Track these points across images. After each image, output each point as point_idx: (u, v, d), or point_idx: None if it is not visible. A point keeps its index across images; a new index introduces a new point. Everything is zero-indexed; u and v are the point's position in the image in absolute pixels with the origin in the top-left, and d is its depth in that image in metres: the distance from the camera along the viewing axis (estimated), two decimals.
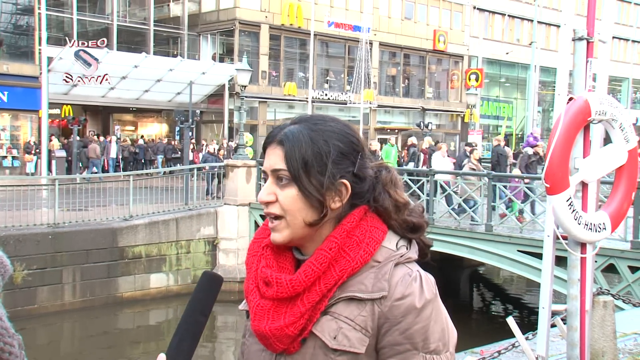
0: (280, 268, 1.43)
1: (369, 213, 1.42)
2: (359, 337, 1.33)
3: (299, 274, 1.37)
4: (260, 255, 1.47)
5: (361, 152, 1.43)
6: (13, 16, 26.42)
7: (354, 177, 1.41)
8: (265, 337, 1.39)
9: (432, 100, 40.97)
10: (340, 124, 1.44)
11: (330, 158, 1.37)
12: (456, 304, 17.36)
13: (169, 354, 1.28)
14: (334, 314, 1.36)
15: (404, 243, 1.42)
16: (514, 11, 44.35)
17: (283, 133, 1.41)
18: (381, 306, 1.34)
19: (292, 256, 1.46)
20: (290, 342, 1.37)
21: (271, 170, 1.40)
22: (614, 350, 5.07)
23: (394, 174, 1.47)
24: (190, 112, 21.79)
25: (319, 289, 1.36)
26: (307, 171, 1.37)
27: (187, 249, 15.29)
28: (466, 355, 5.06)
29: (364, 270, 1.37)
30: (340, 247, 1.38)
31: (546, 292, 3.66)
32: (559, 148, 3.35)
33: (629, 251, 10.17)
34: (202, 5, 33.21)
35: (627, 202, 3.80)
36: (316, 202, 1.37)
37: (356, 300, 1.35)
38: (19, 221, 13.18)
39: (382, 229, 1.41)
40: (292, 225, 1.39)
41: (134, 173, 17.53)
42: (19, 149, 25.54)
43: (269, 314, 1.39)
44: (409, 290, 1.34)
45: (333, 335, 1.34)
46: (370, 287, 1.35)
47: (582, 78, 3.59)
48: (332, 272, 1.36)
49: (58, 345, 13.26)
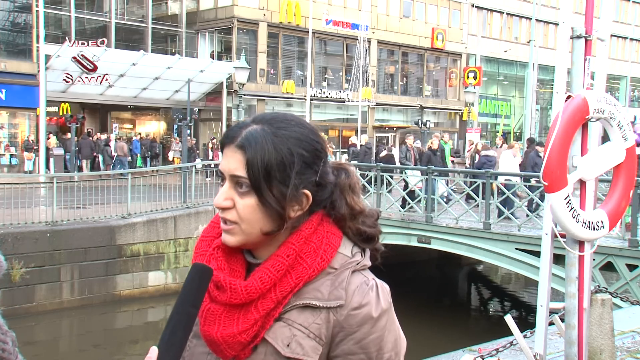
0: (231, 271, 1.38)
1: (325, 218, 1.38)
2: (313, 345, 1.30)
3: (254, 280, 1.32)
4: (210, 256, 1.40)
5: (324, 158, 1.38)
6: (11, 14, 26.39)
7: (315, 186, 1.36)
8: (215, 343, 1.34)
9: (430, 99, 40.97)
10: (305, 128, 1.37)
11: (294, 169, 1.32)
12: (454, 302, 17.40)
13: (161, 346, 1.27)
14: (288, 320, 1.32)
15: (358, 249, 1.39)
16: (512, 9, 44.35)
17: (244, 136, 1.33)
18: (337, 314, 1.30)
19: (244, 259, 1.41)
20: (242, 349, 1.33)
21: (230, 175, 1.33)
22: (611, 348, 5.08)
23: (352, 179, 1.42)
24: (188, 110, 21.76)
25: (274, 295, 1.31)
26: (269, 181, 1.30)
27: (186, 247, 15.28)
28: (464, 353, 5.07)
29: (320, 277, 1.33)
30: (298, 254, 1.33)
31: (544, 290, 3.66)
32: (557, 146, 3.36)
33: (626, 249, 10.20)
34: (200, 3, 33.16)
35: (625, 201, 3.80)
36: (275, 213, 1.32)
37: (311, 307, 1.31)
38: (17, 219, 13.17)
39: (337, 234, 1.38)
40: (248, 234, 1.34)
41: (132, 171, 17.50)
42: (17, 146, 25.53)
43: (220, 319, 1.34)
44: (366, 300, 1.31)
45: (286, 342, 1.30)
46: (327, 295, 1.31)
47: (580, 76, 3.59)
48: (289, 279, 1.32)
49: (56, 343, 13.26)
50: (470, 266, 19.03)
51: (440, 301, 16.96)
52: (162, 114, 33.48)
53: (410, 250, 14.28)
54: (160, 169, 20.70)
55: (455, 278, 19.18)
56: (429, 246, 13.36)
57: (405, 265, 15.84)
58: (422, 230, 13.29)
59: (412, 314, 13.49)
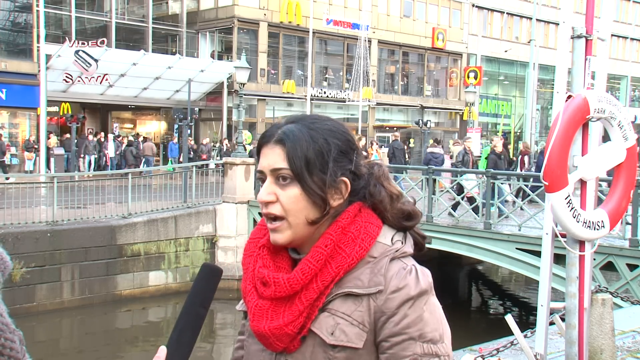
0: (277, 268, 1.43)
1: (363, 209, 1.43)
2: (357, 332, 1.34)
3: (296, 273, 1.37)
4: (257, 256, 1.47)
5: (356, 150, 1.44)
6: (11, 13, 26.39)
7: (352, 175, 1.42)
8: (264, 337, 1.39)
9: (431, 98, 40.96)
10: (336, 123, 1.45)
11: (331, 156, 1.38)
12: (455, 301, 17.38)
13: (169, 346, 1.28)
14: (332, 310, 1.36)
15: (399, 238, 1.43)
16: (512, 9, 44.34)
17: (282, 132, 1.40)
18: (376, 300, 1.34)
19: (288, 255, 1.46)
20: (290, 341, 1.37)
21: (271, 169, 1.39)
22: (612, 347, 5.08)
23: (384, 169, 1.49)
24: (188, 110, 21.82)
25: (316, 286, 1.36)
26: (310, 170, 1.37)
27: (186, 247, 15.29)
28: (465, 352, 5.07)
29: (359, 266, 1.37)
30: (336, 244, 1.38)
31: (545, 289, 3.66)
32: (558, 146, 3.35)
33: (627, 249, 10.19)
34: (201, 3, 33.17)
35: (626, 200, 3.80)
36: (319, 200, 1.38)
37: (353, 296, 1.35)
38: (17, 219, 13.17)
39: (376, 224, 1.42)
40: (295, 226, 1.39)
41: (133, 171, 17.51)
42: (18, 146, 25.53)
43: (267, 313, 1.39)
44: (404, 283, 1.34)
45: (330, 331, 1.34)
46: (367, 283, 1.35)
47: (580, 76, 3.58)
48: (329, 269, 1.36)
49: (57, 343, 13.26)
50: (470, 266, 19.03)
51: (441, 301, 16.88)
52: (162, 114, 33.49)
53: None
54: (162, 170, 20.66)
55: (455, 278, 19.17)
56: (429, 246, 13.21)
57: None
58: (423, 230, 13.24)
59: None
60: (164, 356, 1.26)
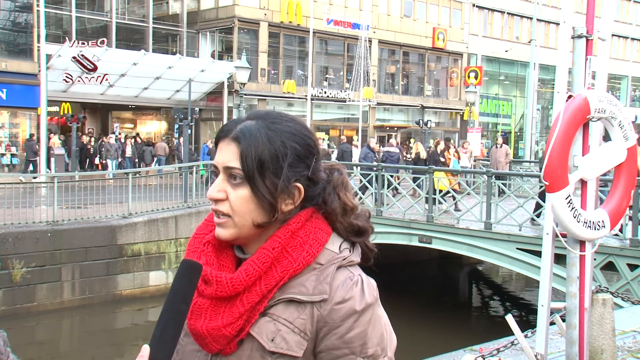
0: (220, 266, 1.39)
1: (315, 214, 1.40)
2: (298, 340, 1.31)
3: (240, 273, 1.33)
4: (201, 252, 1.42)
5: (316, 155, 1.40)
6: (12, 13, 26.41)
7: (307, 181, 1.38)
8: (201, 337, 1.36)
9: (432, 98, 40.96)
10: (298, 124, 1.40)
11: (287, 160, 1.34)
12: (455, 301, 17.39)
13: (152, 344, 1.27)
14: (273, 315, 1.32)
15: (347, 246, 1.39)
16: (513, 9, 44.33)
17: (239, 129, 1.36)
18: (320, 309, 1.31)
19: (233, 254, 1.42)
20: (227, 343, 1.34)
21: (224, 166, 1.36)
22: (612, 347, 5.07)
23: (344, 177, 1.44)
24: (189, 110, 21.79)
25: (259, 289, 1.32)
26: (262, 172, 1.33)
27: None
28: (465, 352, 5.07)
29: (305, 272, 1.34)
30: (283, 247, 1.34)
31: (545, 289, 3.66)
32: (558, 146, 3.35)
33: (627, 249, 10.19)
34: (201, 3, 33.17)
35: (626, 200, 3.79)
36: (267, 205, 1.34)
37: (296, 302, 1.32)
38: (17, 219, 13.17)
39: (326, 230, 1.39)
40: (240, 226, 1.36)
41: (133, 171, 17.52)
42: (18, 146, 25.54)
43: (206, 313, 1.35)
44: (350, 294, 1.31)
45: (271, 337, 1.31)
46: (311, 290, 1.32)
47: (581, 76, 3.58)
48: (274, 273, 1.33)
49: (57, 343, 13.25)
50: (471, 266, 19.02)
51: (441, 301, 16.94)
52: (163, 114, 33.49)
53: (411, 250, 14.27)
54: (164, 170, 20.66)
55: (456, 278, 19.17)
56: (430, 246, 13.35)
57: (406, 265, 15.85)
58: (423, 230, 13.27)
59: (413, 313, 13.49)
60: (147, 355, 1.26)
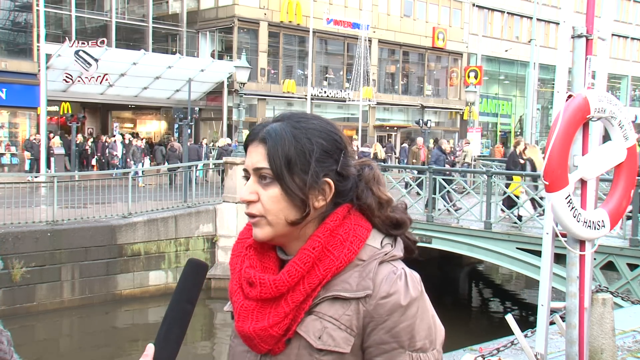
0: (263, 268, 1.41)
1: (352, 211, 1.41)
2: (344, 337, 1.32)
3: (283, 274, 1.35)
4: (244, 256, 1.45)
5: (344, 150, 1.41)
6: (12, 13, 26.40)
7: (337, 176, 1.39)
8: (249, 338, 1.38)
9: (431, 98, 40.96)
10: (323, 121, 1.42)
11: (314, 156, 1.36)
12: (455, 301, 17.38)
13: (157, 343, 1.27)
14: (319, 313, 1.34)
15: (388, 241, 1.41)
16: (513, 8, 44.33)
17: (265, 131, 1.38)
18: (366, 305, 1.32)
19: (276, 256, 1.44)
20: (275, 343, 1.36)
21: (253, 168, 1.38)
22: (612, 347, 5.07)
23: (376, 172, 1.45)
24: (189, 110, 21.77)
25: (303, 288, 1.34)
26: (290, 170, 1.34)
27: (186, 247, 15.28)
28: (465, 352, 5.07)
29: (348, 269, 1.35)
30: (324, 246, 1.36)
31: (545, 289, 3.65)
32: (558, 145, 3.35)
33: (627, 249, 10.19)
34: (201, 3, 33.17)
35: (626, 200, 3.79)
36: (299, 201, 1.35)
37: (340, 299, 1.33)
38: (17, 219, 13.16)
39: (366, 227, 1.40)
40: (274, 224, 1.37)
41: (128, 170, 17.52)
42: (18, 146, 25.53)
43: (252, 314, 1.37)
44: (394, 289, 1.32)
45: (318, 335, 1.33)
46: (355, 286, 1.33)
47: (581, 75, 3.58)
48: (316, 272, 1.34)
49: (57, 342, 13.26)
50: (471, 266, 19.02)
51: (441, 300, 16.91)
52: (162, 114, 33.51)
53: None
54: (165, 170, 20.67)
55: (456, 277, 19.16)
56: (429, 245, 13.35)
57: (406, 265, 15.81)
58: (423, 230, 13.28)
59: None
60: (152, 354, 1.26)
